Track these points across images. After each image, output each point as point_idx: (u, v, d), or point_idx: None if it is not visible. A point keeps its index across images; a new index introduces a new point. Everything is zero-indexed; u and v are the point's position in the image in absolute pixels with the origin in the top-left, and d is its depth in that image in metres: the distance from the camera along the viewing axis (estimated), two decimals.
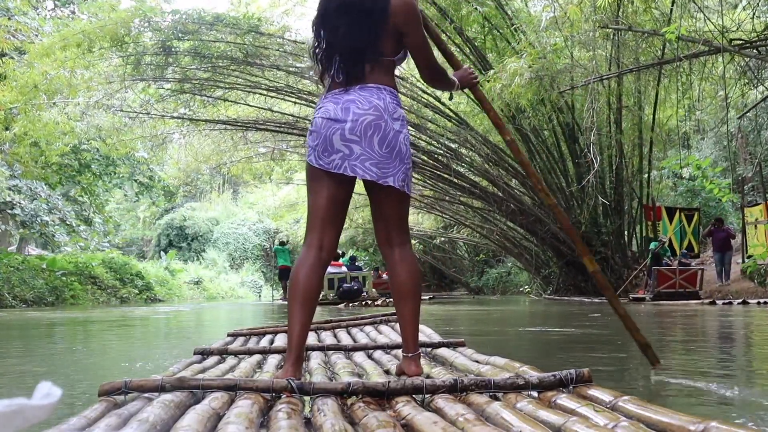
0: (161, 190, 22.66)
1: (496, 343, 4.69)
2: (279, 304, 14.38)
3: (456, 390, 1.65)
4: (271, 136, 17.08)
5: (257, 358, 2.71)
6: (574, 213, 15.02)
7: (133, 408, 1.54)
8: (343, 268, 14.74)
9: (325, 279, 14.71)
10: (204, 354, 2.79)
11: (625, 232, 16.19)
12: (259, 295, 26.89)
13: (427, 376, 2.06)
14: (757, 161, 15.13)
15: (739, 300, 10.80)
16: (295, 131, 15.67)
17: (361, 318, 4.23)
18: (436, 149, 14.78)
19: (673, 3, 11.30)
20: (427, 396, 1.64)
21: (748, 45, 9.76)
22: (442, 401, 1.59)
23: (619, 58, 11.71)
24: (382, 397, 1.65)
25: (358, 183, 2.17)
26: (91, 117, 14.16)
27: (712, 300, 11.05)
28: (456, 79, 2.37)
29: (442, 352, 2.61)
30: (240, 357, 2.75)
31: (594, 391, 1.59)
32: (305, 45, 11.85)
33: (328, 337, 3.51)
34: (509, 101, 11.59)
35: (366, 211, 19.02)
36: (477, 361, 2.31)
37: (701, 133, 16.48)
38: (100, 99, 13.55)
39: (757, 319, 7.04)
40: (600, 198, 13.61)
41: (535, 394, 1.65)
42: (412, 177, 2.25)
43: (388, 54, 2.11)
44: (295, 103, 15.45)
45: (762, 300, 10.38)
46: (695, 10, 10.72)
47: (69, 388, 2.60)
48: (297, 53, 13.32)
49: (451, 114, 14.60)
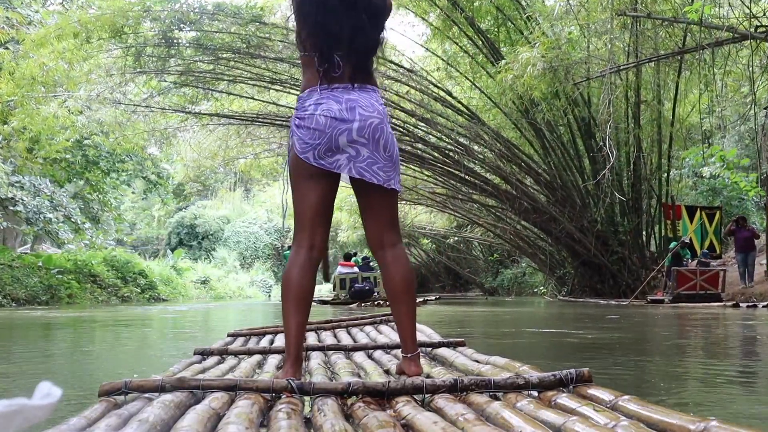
0: (169, 187, 22.71)
1: (497, 345, 4.72)
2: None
3: (456, 390, 1.69)
4: (277, 131, 17.09)
5: (257, 358, 2.76)
6: (590, 211, 14.95)
7: (133, 408, 1.58)
8: (355, 269, 15.12)
9: (337, 279, 15.18)
10: (204, 354, 2.85)
11: (643, 232, 16.08)
12: (269, 295, 27.01)
13: (427, 376, 2.10)
14: None
15: (764, 303, 10.64)
16: None
17: (362, 318, 4.29)
18: (447, 145, 14.77)
19: None
20: (427, 396, 1.68)
21: None
22: (442, 401, 1.62)
23: (637, 49, 11.59)
24: (382, 397, 1.69)
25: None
26: (93, 111, 14.21)
27: (735, 303, 10.93)
28: None
29: (442, 351, 2.65)
30: (240, 357, 2.81)
31: (594, 391, 1.63)
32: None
33: (328, 337, 3.56)
34: (522, 93, 11.56)
35: None
36: (477, 361, 2.34)
37: (723, 130, 16.32)
38: (102, 92, 13.55)
39: None
40: (617, 195, 13.48)
41: (535, 393, 1.69)
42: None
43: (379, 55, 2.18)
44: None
45: None
46: None
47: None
48: None
49: (462, 108, 14.59)
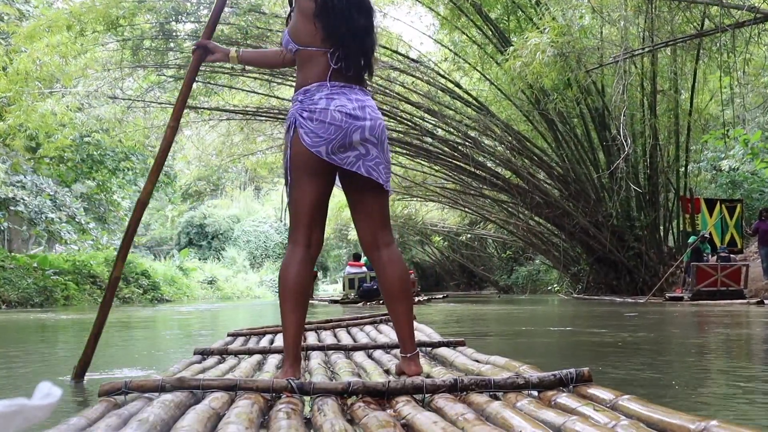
0: (176, 186, 22.67)
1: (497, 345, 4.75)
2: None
3: (456, 389, 1.73)
4: (281, 126, 17.11)
5: (257, 358, 2.83)
6: (605, 205, 14.86)
7: (134, 408, 1.63)
8: (364, 269, 15.48)
9: (346, 279, 15.40)
10: (204, 354, 2.92)
11: (661, 226, 15.96)
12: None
13: (427, 376, 2.15)
14: None
15: None
16: None
17: (361, 318, 4.36)
18: (456, 138, 14.76)
19: None
20: (427, 396, 1.73)
21: None
22: (442, 401, 1.67)
23: (652, 33, 11.42)
24: (382, 396, 1.73)
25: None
26: (91, 107, 14.24)
27: (759, 300, 10.65)
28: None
29: (442, 351, 2.70)
30: (240, 357, 2.88)
31: (594, 390, 1.67)
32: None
33: (328, 337, 3.64)
34: (531, 82, 11.48)
35: None
36: (477, 361, 2.39)
37: (742, 122, 16.16)
38: (100, 87, 13.56)
39: None
40: (633, 188, 13.29)
41: (535, 393, 1.73)
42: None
43: None
44: None
45: None
46: None
47: None
48: None
49: (471, 100, 14.57)
